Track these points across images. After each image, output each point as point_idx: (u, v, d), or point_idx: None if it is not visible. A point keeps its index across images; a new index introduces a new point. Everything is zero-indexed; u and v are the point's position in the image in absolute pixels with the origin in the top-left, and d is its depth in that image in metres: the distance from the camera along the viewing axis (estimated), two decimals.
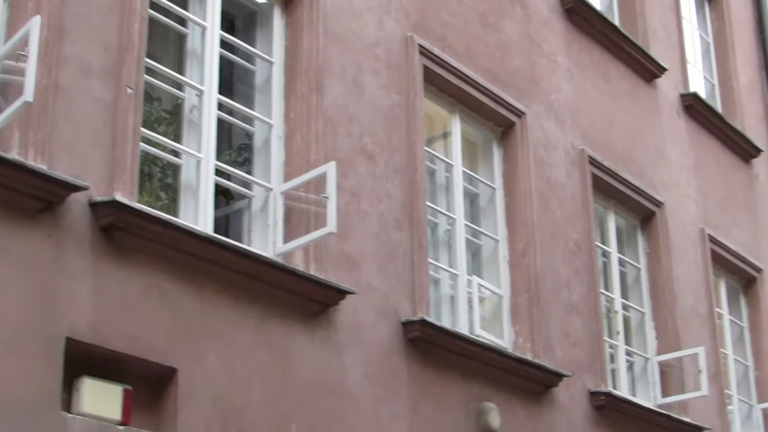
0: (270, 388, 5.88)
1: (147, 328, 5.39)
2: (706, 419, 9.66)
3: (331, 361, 6.27)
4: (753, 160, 12.11)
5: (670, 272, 9.81)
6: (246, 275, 5.86)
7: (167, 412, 5.46)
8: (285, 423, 5.91)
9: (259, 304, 5.93)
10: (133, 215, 5.36)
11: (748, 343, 11.33)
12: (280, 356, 5.99)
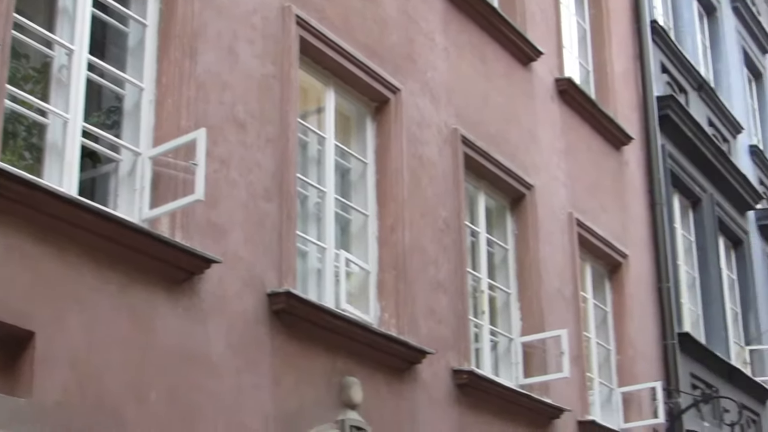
0: (130, 354, 5.92)
1: (5, 289, 5.37)
2: (566, 401, 9.99)
3: (194, 329, 6.34)
4: (623, 147, 12.52)
5: (537, 254, 10.11)
6: (110, 240, 5.88)
7: (23, 376, 5.45)
8: (144, 390, 5.96)
9: (122, 270, 5.96)
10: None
11: (611, 328, 11.74)
12: (142, 323, 6.03)
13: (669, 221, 13.20)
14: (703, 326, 14.14)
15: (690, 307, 13.90)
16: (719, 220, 15.06)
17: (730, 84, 16.99)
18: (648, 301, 12.32)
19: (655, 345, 12.24)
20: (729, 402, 12.88)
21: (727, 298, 15.09)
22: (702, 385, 13.21)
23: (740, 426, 13.72)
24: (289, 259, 7.11)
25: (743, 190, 15.78)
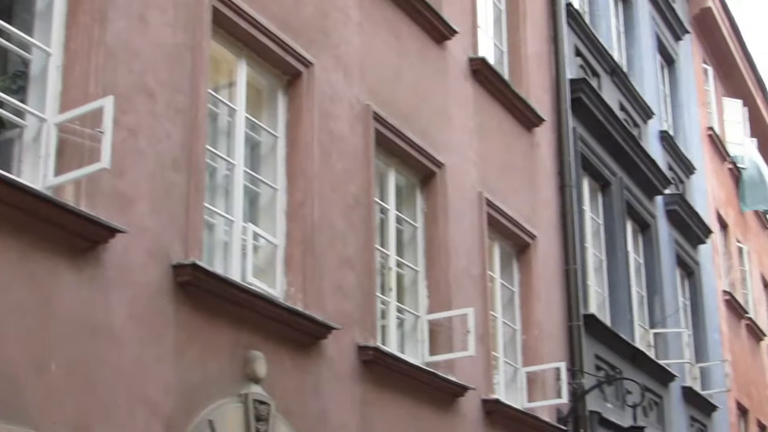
0: (29, 324, 5.90)
1: None
2: (471, 379, 10.16)
3: (97, 300, 6.33)
4: (535, 129, 12.71)
5: (446, 233, 10.25)
6: (12, 207, 5.84)
7: None
8: (44, 360, 5.94)
9: (23, 238, 5.93)
10: None
11: (517, 308, 11.95)
12: (43, 292, 6.00)
13: (578, 203, 13.45)
14: (608, 308, 14.43)
15: (596, 290, 14.18)
16: (628, 203, 15.37)
17: (642, 69, 17.31)
18: (555, 282, 12.55)
19: (560, 326, 12.48)
20: (632, 384, 13.16)
21: (633, 281, 15.41)
22: (606, 367, 13.50)
23: (642, 408, 14.06)
24: (196, 230, 7.14)
25: (652, 174, 16.11)
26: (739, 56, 23.68)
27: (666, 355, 15.79)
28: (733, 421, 19.94)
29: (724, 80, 23.63)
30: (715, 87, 22.94)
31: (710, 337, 18.64)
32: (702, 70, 22.13)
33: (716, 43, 22.64)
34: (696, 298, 18.44)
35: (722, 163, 22.48)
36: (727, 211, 22.01)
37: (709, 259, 19.68)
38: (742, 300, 22.08)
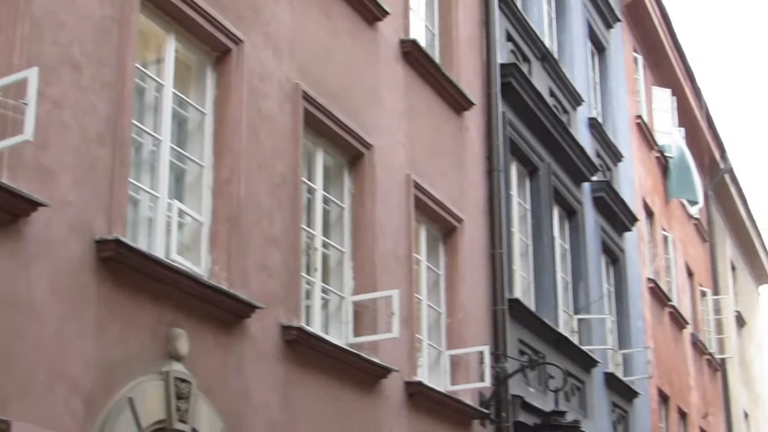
0: None
1: None
2: (395, 361, 10.26)
3: (17, 274, 6.31)
4: (464, 112, 12.82)
5: (372, 214, 10.33)
6: None
7: None
8: None
9: None
10: None
11: (442, 291, 12.07)
12: None
13: (505, 188, 13.59)
14: (533, 293, 14.62)
15: (522, 274, 14.36)
16: (555, 189, 15.56)
17: (573, 56, 17.50)
18: (480, 266, 12.69)
19: (485, 310, 12.63)
20: (555, 369, 13.35)
21: (559, 267, 15.61)
22: (529, 351, 13.68)
23: (565, 393, 14.29)
24: (120, 206, 7.13)
25: (580, 161, 16.32)
26: (669, 46, 24.04)
27: (589, 341, 16.03)
28: (654, 407, 20.30)
29: (653, 69, 23.97)
30: (645, 76, 23.26)
31: (633, 324, 18.95)
32: (632, 58, 22.43)
33: (647, 32, 22.96)
34: (620, 285, 18.74)
35: (650, 151, 22.82)
36: (653, 200, 22.36)
37: (634, 246, 19.99)
38: (666, 288, 22.45)
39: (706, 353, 26.12)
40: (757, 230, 34.71)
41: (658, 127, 23.36)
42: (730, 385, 28.35)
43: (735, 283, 32.23)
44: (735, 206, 31.54)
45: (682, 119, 25.37)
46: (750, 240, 34.30)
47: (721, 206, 30.63)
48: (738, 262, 33.55)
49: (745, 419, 31.28)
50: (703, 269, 27.45)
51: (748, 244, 34.46)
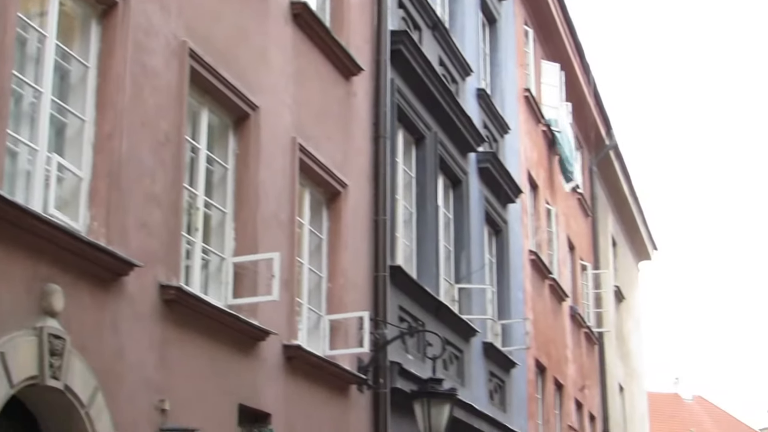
0: None
1: None
2: (274, 324, 10.34)
3: None
4: (353, 77, 12.91)
5: (256, 176, 10.37)
6: None
7: None
8: None
9: None
10: None
11: (324, 255, 12.18)
12: None
13: (391, 155, 13.73)
14: (415, 261, 14.82)
15: (404, 242, 14.54)
16: (441, 158, 15.76)
17: (464, 26, 17.70)
18: (363, 232, 12.83)
19: (366, 276, 12.78)
20: (433, 336, 13.57)
21: (442, 236, 15.84)
22: (409, 319, 13.89)
23: (443, 361, 14.54)
24: None
25: (467, 131, 16.55)
26: (560, 21, 24.42)
27: (469, 311, 16.31)
28: (531, 378, 20.75)
29: (543, 43, 24.35)
30: (535, 49, 23.61)
31: (513, 295, 19.32)
32: (523, 31, 22.75)
33: (538, 6, 23.30)
34: (502, 256, 19.07)
35: (536, 125, 23.20)
36: (538, 173, 22.76)
37: (517, 218, 20.34)
38: (547, 261, 22.90)
39: (584, 326, 26.73)
40: (639, 207, 35.55)
41: (546, 101, 23.73)
42: (606, 359, 29.05)
43: (615, 258, 32.99)
44: (618, 182, 32.25)
45: (569, 94, 25.82)
46: (632, 216, 35.12)
47: (605, 182, 31.30)
48: (619, 237, 34.33)
49: (621, 392, 32.11)
50: (584, 243, 28.04)
51: (630, 220, 35.28)
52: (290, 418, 10.63)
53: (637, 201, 35.15)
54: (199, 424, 8.83)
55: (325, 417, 11.50)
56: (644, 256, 39.40)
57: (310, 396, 11.20)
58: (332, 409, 11.71)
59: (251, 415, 9.97)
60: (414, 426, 12.21)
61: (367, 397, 12.44)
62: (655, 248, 39.73)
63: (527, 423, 19.68)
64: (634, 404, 35.21)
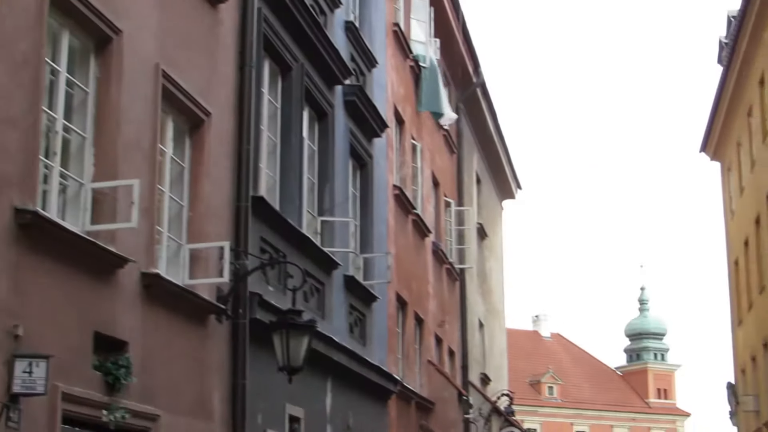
0: None
1: None
2: (132, 251, 10.34)
3: None
4: (220, 5, 12.83)
5: (118, 101, 10.30)
6: None
7: None
8: None
9: None
10: None
11: (186, 184, 12.17)
12: None
13: (257, 85, 13.73)
14: (278, 193, 14.88)
15: (268, 173, 14.58)
16: (307, 90, 15.80)
17: None
18: (226, 161, 12.84)
19: (228, 206, 12.81)
20: (294, 268, 13.68)
21: (306, 168, 15.92)
22: (270, 250, 13.99)
23: (304, 293, 14.70)
24: None
25: (334, 64, 16.60)
26: None
27: (331, 244, 16.48)
28: (392, 312, 21.10)
29: None
30: None
31: (376, 229, 19.56)
32: None
33: None
34: (366, 190, 19.27)
35: (404, 60, 23.36)
36: (404, 108, 22.97)
37: (382, 153, 20.54)
38: (411, 196, 23.21)
39: (446, 262, 27.21)
40: (504, 146, 36.14)
41: (414, 37, 23.91)
42: (467, 295, 29.67)
43: (479, 196, 33.58)
44: (484, 121, 32.72)
45: (438, 30, 26.02)
46: (497, 155, 35.71)
47: (471, 120, 31.73)
48: (483, 175, 34.91)
49: (480, 329, 32.84)
50: (449, 180, 28.46)
51: (495, 158, 35.88)
52: (147, 346, 10.67)
53: (503, 139, 35.73)
54: (53, 350, 8.81)
55: (183, 346, 11.58)
56: (508, 195, 40.16)
57: (168, 325, 11.26)
58: (190, 338, 11.79)
59: (107, 342, 9.99)
60: (273, 357, 12.36)
61: (226, 328, 12.54)
62: (519, 187, 40.51)
63: (387, 357, 20.05)
64: (494, 340, 36.05)
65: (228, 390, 12.49)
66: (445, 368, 26.45)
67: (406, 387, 21.42)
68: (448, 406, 25.03)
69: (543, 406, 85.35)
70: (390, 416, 20.33)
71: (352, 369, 17.02)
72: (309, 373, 14.21)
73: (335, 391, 16.46)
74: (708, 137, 38.00)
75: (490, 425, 27.86)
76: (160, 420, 10.79)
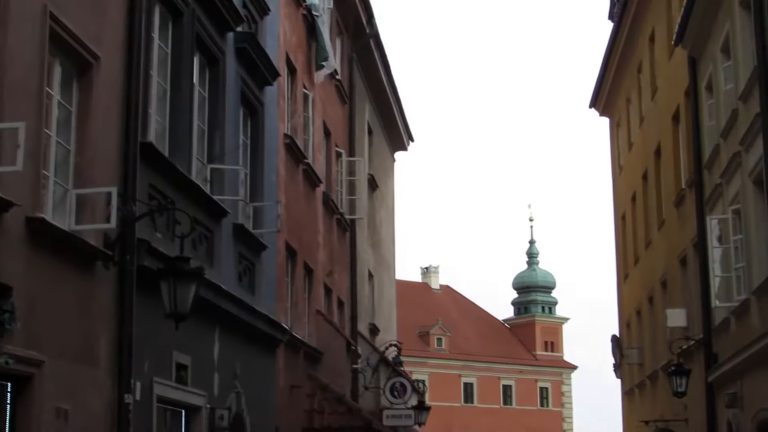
0: None
1: None
2: (17, 196, 10.25)
3: None
4: None
5: (4, 43, 10.17)
6: None
7: None
8: None
9: None
10: None
11: (73, 128, 12.08)
12: None
13: (147, 30, 13.64)
14: (168, 139, 14.82)
15: (157, 119, 14.50)
16: (198, 36, 15.71)
17: None
18: (115, 106, 12.76)
19: (116, 151, 12.75)
20: (183, 215, 13.68)
21: (196, 114, 15.86)
22: (159, 196, 13.96)
23: (192, 240, 14.71)
24: None
25: (225, 10, 16.53)
26: None
27: (221, 191, 16.47)
28: (281, 261, 21.19)
29: None
30: None
31: (267, 178, 19.59)
32: None
33: None
34: (257, 138, 19.26)
35: (297, 8, 23.32)
36: (296, 56, 22.96)
37: (273, 101, 20.53)
38: (302, 146, 23.26)
39: (336, 213, 27.37)
40: (396, 97, 36.33)
41: None
42: (357, 246, 29.88)
43: (370, 147, 33.76)
44: (377, 72, 32.84)
45: None
46: (389, 106, 35.89)
47: (364, 70, 31.82)
48: (375, 126, 35.10)
49: (370, 279, 33.14)
50: (340, 130, 28.56)
51: (387, 110, 36.07)
52: (32, 292, 10.64)
53: (395, 91, 35.90)
54: None
55: (69, 292, 11.56)
56: (400, 147, 40.42)
57: (53, 271, 11.22)
58: (77, 284, 11.77)
59: None
60: (160, 305, 12.40)
61: (113, 274, 12.53)
62: (411, 139, 40.79)
63: (276, 306, 20.17)
64: (383, 291, 36.42)
65: (114, 337, 12.51)
66: (334, 318, 26.68)
67: (294, 336, 21.58)
68: (337, 355, 25.28)
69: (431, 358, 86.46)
70: (278, 365, 20.50)
71: (241, 318, 17.11)
72: (197, 322, 14.30)
73: (223, 339, 16.55)
74: (598, 93, 38.66)
75: (378, 375, 28.21)
76: (45, 366, 10.79)
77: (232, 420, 16.65)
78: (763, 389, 18.29)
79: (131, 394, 12.53)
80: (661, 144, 28.73)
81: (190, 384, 15.02)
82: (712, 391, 22.96)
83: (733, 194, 20.45)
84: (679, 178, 26.63)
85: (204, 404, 15.54)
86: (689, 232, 24.77)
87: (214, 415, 15.81)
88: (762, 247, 18.36)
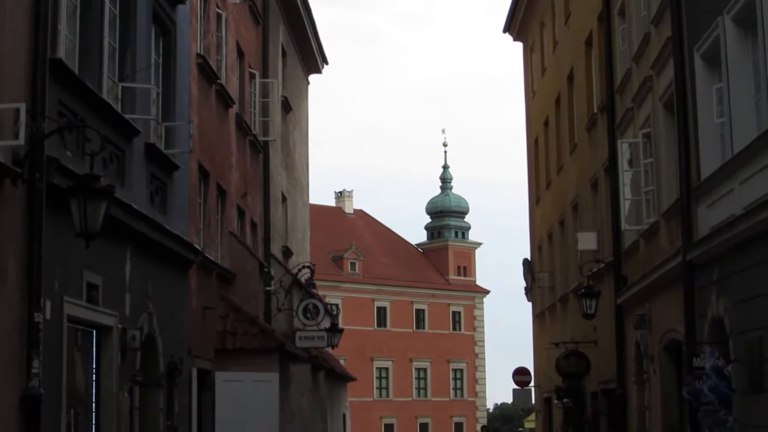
0: None
1: None
2: None
3: None
4: None
5: None
6: None
7: None
8: None
9: None
10: None
11: None
12: None
13: None
14: (78, 56, 14.64)
15: (67, 36, 14.28)
16: None
17: None
18: (24, 22, 12.55)
19: (24, 67, 12.56)
20: (93, 133, 13.54)
21: (107, 32, 15.61)
22: (69, 114, 13.81)
23: (103, 159, 14.60)
24: None
25: None
26: None
27: (132, 110, 16.33)
28: (194, 182, 21.12)
29: None
30: None
31: (179, 97, 19.43)
32: None
33: None
34: (169, 57, 19.06)
35: None
36: None
37: (186, 20, 20.29)
38: (215, 66, 23.10)
39: (250, 135, 27.29)
40: (311, 19, 36.11)
41: None
42: (270, 168, 29.83)
43: (284, 69, 33.59)
44: None
45: None
46: (303, 28, 35.67)
47: None
48: (290, 48, 34.89)
49: (283, 202, 33.16)
50: (254, 51, 28.37)
51: (302, 31, 35.85)
52: None
53: (310, 12, 35.67)
54: None
55: None
56: (314, 69, 40.26)
57: None
58: None
59: None
60: (70, 223, 12.34)
61: (22, 192, 12.41)
62: (326, 62, 40.64)
63: (188, 227, 20.13)
64: (297, 214, 36.48)
65: (23, 255, 12.44)
66: (247, 240, 26.72)
67: (207, 257, 21.59)
68: (250, 277, 25.36)
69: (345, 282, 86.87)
70: (191, 286, 20.52)
71: (152, 237, 17.06)
72: (108, 241, 14.27)
73: (134, 259, 16.51)
74: (512, 17, 38.82)
75: (291, 297, 28.36)
76: None
77: (143, 340, 16.67)
78: (670, 311, 18.76)
79: (41, 313, 12.49)
80: (574, 68, 29.01)
81: (102, 304, 15.00)
82: (621, 313, 23.47)
83: (644, 118, 20.78)
84: (591, 103, 26.96)
85: (115, 324, 15.54)
86: (600, 156, 25.15)
87: (126, 335, 15.83)
88: (671, 171, 18.73)
